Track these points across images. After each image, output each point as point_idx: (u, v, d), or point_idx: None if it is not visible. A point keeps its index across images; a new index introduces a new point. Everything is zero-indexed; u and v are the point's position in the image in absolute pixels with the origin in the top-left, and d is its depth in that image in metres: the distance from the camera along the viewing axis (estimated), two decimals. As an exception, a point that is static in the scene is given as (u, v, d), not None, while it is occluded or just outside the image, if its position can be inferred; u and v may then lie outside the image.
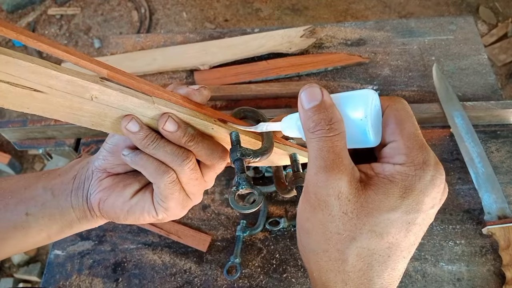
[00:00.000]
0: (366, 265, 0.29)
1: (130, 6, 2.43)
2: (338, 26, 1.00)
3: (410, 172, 0.28)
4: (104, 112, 0.35)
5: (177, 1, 2.43)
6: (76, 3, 2.47)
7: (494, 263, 0.68)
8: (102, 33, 2.35)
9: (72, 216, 0.43)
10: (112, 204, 0.42)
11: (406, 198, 0.28)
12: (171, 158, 0.38)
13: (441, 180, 0.29)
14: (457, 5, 2.29)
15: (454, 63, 0.92)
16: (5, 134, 0.85)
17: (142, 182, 0.43)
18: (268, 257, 0.71)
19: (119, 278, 0.71)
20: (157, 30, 2.35)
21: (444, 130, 0.82)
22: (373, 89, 0.38)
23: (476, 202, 0.74)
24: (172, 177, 0.38)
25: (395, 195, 0.28)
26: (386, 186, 0.28)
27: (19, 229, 0.42)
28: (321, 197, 0.29)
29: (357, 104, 0.32)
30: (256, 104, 0.89)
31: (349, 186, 0.28)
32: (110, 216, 0.43)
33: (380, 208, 0.28)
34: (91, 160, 0.44)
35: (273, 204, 0.76)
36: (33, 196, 0.43)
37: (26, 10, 2.46)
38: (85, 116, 0.35)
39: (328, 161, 0.28)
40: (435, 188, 0.29)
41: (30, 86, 0.30)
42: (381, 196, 0.28)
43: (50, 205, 0.43)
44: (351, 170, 0.29)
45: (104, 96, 0.33)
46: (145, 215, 0.42)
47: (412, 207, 0.28)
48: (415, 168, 0.28)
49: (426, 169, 0.28)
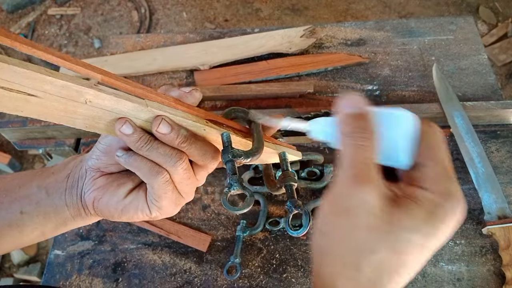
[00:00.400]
0: (377, 276, 0.30)
1: (130, 6, 2.43)
2: (338, 26, 1.00)
3: (437, 200, 0.30)
4: (98, 115, 0.35)
5: (177, 1, 2.43)
6: (76, 3, 2.47)
7: (494, 263, 0.68)
8: (102, 33, 2.35)
9: (66, 214, 0.44)
10: (106, 203, 0.42)
11: (428, 223, 0.29)
12: (164, 159, 0.38)
13: (460, 212, 0.30)
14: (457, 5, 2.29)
15: (454, 63, 0.92)
16: (5, 134, 0.85)
17: (136, 181, 0.43)
18: (268, 257, 0.71)
19: (119, 278, 0.71)
20: (157, 30, 2.35)
21: (444, 130, 0.82)
22: (403, 109, 0.38)
23: (476, 202, 0.74)
24: (165, 178, 0.39)
25: (419, 218, 0.29)
26: (412, 208, 0.29)
27: (14, 227, 0.42)
28: (348, 205, 0.30)
29: (395, 123, 0.33)
30: (256, 104, 0.89)
31: (377, 201, 0.29)
32: (105, 215, 0.44)
33: (403, 227, 0.29)
34: (84, 159, 0.44)
35: (273, 204, 0.76)
36: (27, 194, 0.43)
37: (26, 10, 2.46)
38: (79, 119, 0.35)
39: (360, 171, 0.29)
40: (454, 218, 0.30)
41: (25, 91, 0.30)
42: (406, 216, 0.29)
43: (45, 204, 0.43)
44: (380, 185, 0.30)
45: (98, 100, 0.33)
46: (138, 213, 0.42)
47: (431, 232, 0.29)
48: (441, 197, 0.30)
49: (450, 200, 0.30)
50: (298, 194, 0.77)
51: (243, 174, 0.77)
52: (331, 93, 0.90)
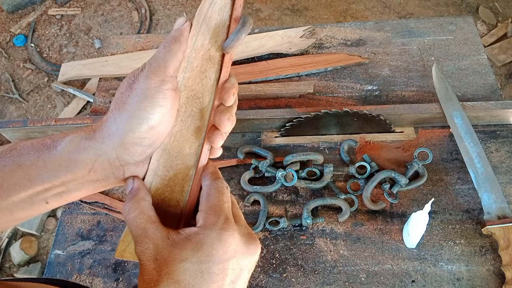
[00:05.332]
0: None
1: (130, 6, 2.44)
2: (338, 26, 1.00)
3: (201, 231, 0.36)
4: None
5: (177, 2, 2.43)
6: (77, 3, 2.48)
7: (493, 263, 0.68)
8: (102, 33, 2.35)
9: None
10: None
11: (197, 251, 0.35)
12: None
13: (228, 236, 0.36)
14: (456, 5, 2.29)
15: (454, 63, 0.92)
16: (5, 134, 0.85)
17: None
18: (268, 256, 0.71)
19: (119, 277, 0.71)
20: (157, 30, 2.36)
21: (444, 130, 0.83)
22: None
23: (475, 202, 0.74)
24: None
25: (187, 249, 0.35)
26: (183, 242, 0.36)
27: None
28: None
29: (412, 219, 0.66)
30: (256, 104, 0.89)
31: (153, 247, 0.36)
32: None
33: (175, 259, 0.35)
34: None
35: (273, 204, 0.76)
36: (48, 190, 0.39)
37: (26, 10, 2.46)
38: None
39: (139, 233, 0.37)
40: (222, 243, 0.36)
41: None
42: (177, 250, 0.35)
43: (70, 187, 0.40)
44: (154, 236, 0.36)
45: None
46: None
47: (203, 259, 0.35)
48: (205, 228, 0.36)
49: (213, 229, 0.36)
50: (298, 194, 0.77)
51: (243, 174, 0.78)
52: (331, 93, 0.90)
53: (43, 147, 0.38)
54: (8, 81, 2.21)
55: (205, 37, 0.40)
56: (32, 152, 0.37)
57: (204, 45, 0.40)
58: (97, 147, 0.37)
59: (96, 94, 0.95)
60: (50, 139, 0.38)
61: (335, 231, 0.73)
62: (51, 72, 2.21)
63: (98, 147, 0.37)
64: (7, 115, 2.12)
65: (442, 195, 0.75)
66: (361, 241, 0.72)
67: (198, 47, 0.40)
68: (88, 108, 2.08)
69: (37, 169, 0.37)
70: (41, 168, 0.37)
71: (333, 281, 0.68)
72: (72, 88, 2.09)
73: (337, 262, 0.70)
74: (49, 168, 0.37)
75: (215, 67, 0.41)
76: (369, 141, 0.82)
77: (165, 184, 0.42)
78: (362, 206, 0.75)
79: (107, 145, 0.37)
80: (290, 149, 0.82)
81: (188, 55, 0.40)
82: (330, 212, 0.75)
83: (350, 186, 0.76)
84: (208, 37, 0.40)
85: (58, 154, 0.37)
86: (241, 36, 0.39)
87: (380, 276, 0.68)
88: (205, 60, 0.41)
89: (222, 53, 0.41)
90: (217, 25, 0.40)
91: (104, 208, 0.78)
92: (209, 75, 0.41)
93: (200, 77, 0.41)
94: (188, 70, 0.40)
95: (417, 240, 0.68)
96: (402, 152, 0.81)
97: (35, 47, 2.31)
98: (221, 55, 0.41)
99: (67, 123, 0.82)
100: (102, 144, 0.37)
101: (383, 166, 0.79)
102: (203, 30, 0.40)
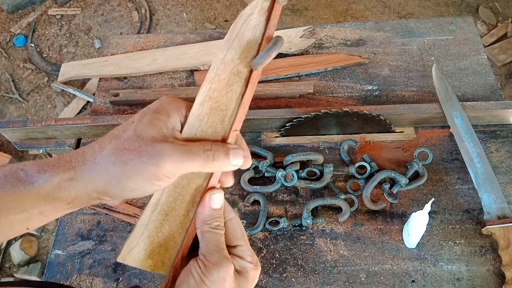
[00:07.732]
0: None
1: (130, 6, 2.44)
2: (338, 26, 1.00)
3: (254, 267, 0.44)
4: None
5: (177, 2, 2.43)
6: (77, 3, 2.48)
7: (493, 262, 0.68)
8: (102, 33, 2.35)
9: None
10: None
11: (249, 283, 0.44)
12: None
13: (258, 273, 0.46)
14: (456, 5, 2.29)
15: (454, 63, 0.92)
16: (5, 134, 0.85)
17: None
18: (268, 256, 0.71)
19: (119, 277, 0.71)
20: (157, 30, 2.36)
21: (444, 130, 0.83)
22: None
23: (475, 202, 0.74)
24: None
25: (251, 281, 0.44)
26: (247, 276, 0.44)
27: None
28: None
29: (412, 219, 0.66)
30: (256, 104, 0.89)
31: (231, 276, 0.43)
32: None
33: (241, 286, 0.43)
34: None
35: (273, 204, 0.76)
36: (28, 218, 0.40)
37: (26, 10, 2.46)
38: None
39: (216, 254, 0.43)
40: (256, 279, 0.45)
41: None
42: (245, 281, 0.43)
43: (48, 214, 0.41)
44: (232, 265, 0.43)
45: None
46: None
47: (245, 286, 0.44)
48: (255, 266, 0.45)
49: (258, 266, 0.45)
50: (298, 194, 0.77)
51: (243, 174, 0.78)
52: (331, 93, 0.90)
53: (17, 181, 0.37)
54: (8, 81, 2.21)
55: (235, 52, 0.41)
56: (7, 186, 0.37)
57: (234, 59, 0.42)
58: (78, 189, 0.38)
59: (96, 94, 0.95)
60: (23, 172, 0.38)
61: (335, 231, 0.73)
62: (51, 72, 2.21)
63: (80, 189, 0.38)
64: (7, 115, 2.12)
65: (442, 195, 0.75)
66: (361, 241, 0.72)
67: (228, 60, 0.41)
68: (88, 108, 2.08)
69: (14, 202, 0.37)
70: (17, 201, 0.37)
71: (333, 281, 0.68)
72: (72, 88, 2.09)
73: (337, 262, 0.70)
74: (26, 200, 0.37)
75: (242, 82, 0.42)
76: (369, 141, 0.82)
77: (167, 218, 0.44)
78: (362, 206, 0.75)
79: (90, 189, 0.38)
80: (290, 149, 0.82)
81: (216, 67, 0.41)
82: (330, 212, 0.75)
83: (350, 186, 0.76)
84: (239, 52, 0.42)
85: (36, 190, 0.37)
86: (272, 54, 0.40)
87: (380, 276, 0.68)
88: (233, 74, 0.42)
89: (250, 69, 0.42)
90: (249, 41, 0.42)
91: (104, 208, 0.78)
92: (235, 89, 0.42)
93: (226, 89, 0.42)
94: (215, 82, 0.41)
95: (417, 240, 0.68)
96: (402, 152, 0.81)
97: (35, 47, 2.31)
98: (249, 71, 0.42)
99: (67, 123, 0.82)
100: (85, 187, 0.38)
101: (383, 166, 0.79)
102: (235, 45, 0.41)
